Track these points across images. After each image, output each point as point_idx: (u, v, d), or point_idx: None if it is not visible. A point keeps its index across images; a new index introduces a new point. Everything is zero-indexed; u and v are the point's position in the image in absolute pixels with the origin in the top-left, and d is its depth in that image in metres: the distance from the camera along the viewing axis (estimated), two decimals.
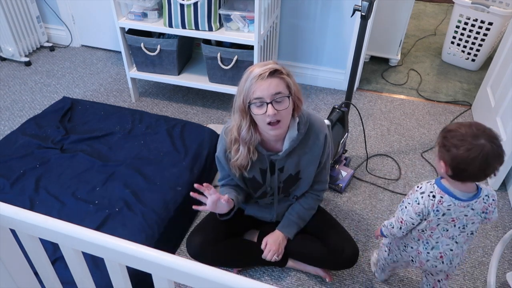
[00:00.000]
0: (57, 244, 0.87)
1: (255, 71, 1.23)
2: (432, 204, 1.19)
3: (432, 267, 1.31)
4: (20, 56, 3.03)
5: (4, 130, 2.41)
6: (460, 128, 1.10)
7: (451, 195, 1.17)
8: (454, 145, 1.09)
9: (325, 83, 2.90)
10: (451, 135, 1.11)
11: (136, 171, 1.85)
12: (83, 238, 0.81)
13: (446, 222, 1.22)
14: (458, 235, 1.24)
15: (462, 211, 1.18)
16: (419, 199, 1.22)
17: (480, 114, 2.53)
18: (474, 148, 1.06)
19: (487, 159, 1.06)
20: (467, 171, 1.09)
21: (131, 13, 2.33)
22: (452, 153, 1.09)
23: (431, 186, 1.22)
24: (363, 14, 1.72)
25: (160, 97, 2.76)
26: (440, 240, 1.25)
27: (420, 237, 1.28)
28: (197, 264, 0.74)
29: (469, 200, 1.17)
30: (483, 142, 1.05)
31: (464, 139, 1.08)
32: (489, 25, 2.87)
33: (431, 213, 1.20)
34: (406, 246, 1.34)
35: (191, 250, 1.52)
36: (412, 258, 1.34)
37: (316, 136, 1.40)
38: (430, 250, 1.28)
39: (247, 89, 1.24)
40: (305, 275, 1.68)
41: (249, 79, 1.23)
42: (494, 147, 1.06)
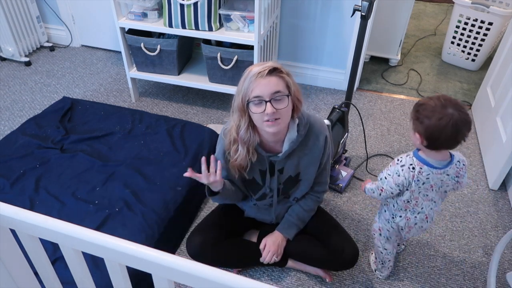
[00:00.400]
0: (57, 244, 0.87)
1: (254, 69, 1.23)
2: (412, 175, 1.30)
3: (419, 228, 1.44)
4: (20, 56, 3.03)
5: (4, 130, 2.41)
6: (430, 101, 1.21)
7: (429, 165, 1.29)
8: (426, 116, 1.20)
9: (325, 83, 2.90)
10: (422, 108, 1.22)
11: (136, 171, 1.85)
12: (83, 238, 0.81)
13: (426, 190, 1.34)
14: (435, 196, 1.38)
15: (439, 178, 1.31)
16: (399, 171, 1.32)
17: (480, 114, 2.53)
18: (444, 117, 1.17)
19: (457, 125, 1.17)
20: (440, 139, 1.20)
21: (131, 13, 2.33)
22: (425, 124, 1.20)
23: (410, 158, 1.31)
24: (363, 14, 1.72)
25: (160, 97, 2.76)
26: (424, 205, 1.38)
27: (407, 207, 1.40)
28: (197, 264, 0.74)
29: (444, 167, 1.30)
30: (452, 111, 1.17)
31: (434, 110, 1.19)
32: (489, 25, 2.87)
33: (412, 183, 1.31)
34: (395, 216, 1.44)
35: (191, 251, 1.51)
36: (402, 227, 1.45)
37: (316, 137, 1.40)
38: (417, 214, 1.41)
39: (246, 87, 1.23)
40: (305, 275, 1.68)
41: (248, 77, 1.23)
42: (462, 115, 1.17)
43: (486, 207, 2.01)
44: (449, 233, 1.87)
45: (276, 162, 1.40)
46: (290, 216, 1.57)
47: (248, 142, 1.32)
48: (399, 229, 1.47)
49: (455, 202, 2.03)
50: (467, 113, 1.19)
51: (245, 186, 1.50)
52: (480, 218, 1.95)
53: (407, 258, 1.75)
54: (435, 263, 1.74)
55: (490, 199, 2.05)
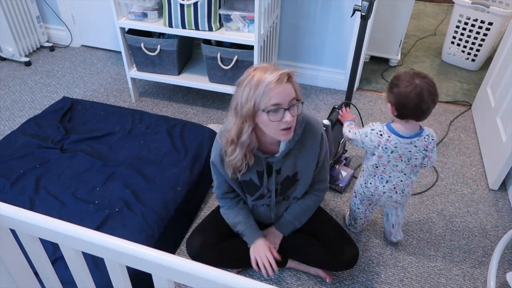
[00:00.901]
0: (57, 244, 0.87)
1: (268, 77, 1.18)
2: (378, 141, 1.46)
3: (388, 198, 1.58)
4: (20, 56, 3.03)
5: (4, 130, 2.41)
6: (402, 74, 1.37)
7: (396, 134, 1.43)
8: (396, 85, 1.36)
9: (325, 83, 2.90)
10: (395, 79, 1.38)
11: (136, 171, 1.85)
12: (83, 238, 0.81)
13: (395, 159, 1.48)
14: (405, 168, 1.50)
15: (407, 148, 1.44)
16: (368, 133, 1.49)
17: (480, 114, 2.53)
18: (410, 85, 1.32)
19: (421, 93, 1.31)
20: (406, 107, 1.34)
21: (131, 13, 2.33)
22: (394, 91, 1.36)
23: (381, 126, 1.47)
24: (363, 14, 1.72)
25: (160, 97, 2.76)
26: (392, 174, 1.52)
27: (375, 173, 1.55)
28: (197, 264, 0.74)
29: (412, 137, 1.43)
30: (418, 81, 1.32)
31: (403, 79, 1.35)
32: (489, 25, 2.87)
33: (379, 149, 1.46)
34: (366, 182, 1.60)
35: (191, 251, 1.51)
36: (372, 193, 1.60)
37: (312, 136, 1.39)
38: (385, 183, 1.55)
39: (261, 95, 1.19)
40: (305, 275, 1.68)
41: (264, 84, 1.18)
42: (427, 86, 1.32)
43: (486, 207, 2.01)
44: (449, 233, 1.87)
45: (273, 162, 1.39)
46: (288, 214, 1.56)
47: (248, 147, 1.30)
48: (370, 196, 1.62)
49: (455, 202, 2.03)
50: (434, 85, 1.33)
51: (241, 188, 1.49)
52: (480, 218, 1.95)
53: (407, 258, 1.75)
54: (435, 263, 1.74)
55: (490, 199, 2.05)
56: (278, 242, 1.57)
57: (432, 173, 2.19)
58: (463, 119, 2.62)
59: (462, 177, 2.18)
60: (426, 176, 2.17)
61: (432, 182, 2.14)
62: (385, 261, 1.74)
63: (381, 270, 1.70)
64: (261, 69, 1.22)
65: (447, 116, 2.64)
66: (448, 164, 2.26)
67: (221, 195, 1.53)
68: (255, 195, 1.49)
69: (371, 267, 1.71)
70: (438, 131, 2.51)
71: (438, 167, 2.23)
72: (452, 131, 2.51)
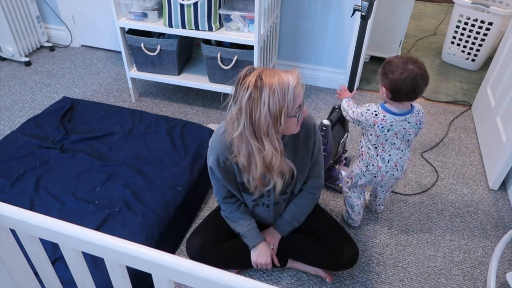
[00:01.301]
0: (57, 244, 0.87)
1: (290, 81, 1.16)
2: (373, 120, 1.52)
3: (391, 176, 1.63)
4: (20, 56, 3.03)
5: (4, 130, 2.41)
6: (395, 59, 1.43)
7: (391, 113, 1.51)
8: (390, 71, 1.41)
9: (325, 83, 2.90)
10: (388, 65, 1.44)
11: (136, 171, 1.85)
12: (83, 238, 0.81)
13: (392, 137, 1.55)
14: (401, 144, 1.58)
15: (401, 125, 1.52)
16: (363, 113, 1.55)
17: (480, 114, 2.53)
18: (405, 71, 1.39)
19: (415, 78, 1.39)
20: (402, 91, 1.42)
21: (131, 13, 2.33)
22: (389, 78, 1.42)
23: (376, 106, 1.54)
24: (363, 14, 1.72)
25: (160, 97, 2.76)
26: (392, 152, 1.59)
27: (377, 154, 1.60)
28: (197, 264, 0.74)
29: (405, 114, 1.51)
30: (412, 67, 1.39)
31: (397, 65, 1.41)
32: (489, 25, 2.87)
33: (375, 128, 1.53)
34: (368, 165, 1.64)
35: (191, 252, 1.51)
36: (374, 174, 1.64)
37: (306, 127, 1.38)
38: (387, 163, 1.60)
39: (291, 101, 1.17)
40: (305, 275, 1.68)
41: (290, 91, 1.16)
42: (420, 70, 1.39)
43: (486, 207, 2.01)
44: (449, 233, 1.87)
45: None
46: (286, 214, 1.57)
47: None
48: (372, 178, 1.66)
49: (455, 202, 2.03)
50: (425, 69, 1.41)
51: (239, 190, 1.48)
52: (480, 218, 1.95)
53: (407, 258, 1.75)
54: (435, 263, 1.74)
55: (490, 199, 2.05)
56: (276, 242, 1.57)
57: (432, 173, 2.19)
58: (463, 119, 2.62)
59: (462, 177, 2.18)
60: (426, 176, 2.17)
61: (432, 182, 2.14)
62: (385, 261, 1.74)
63: (381, 270, 1.70)
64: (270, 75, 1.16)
65: (447, 116, 2.64)
66: (448, 164, 2.26)
67: (221, 200, 1.53)
68: (255, 195, 1.48)
69: (371, 267, 1.71)
70: (438, 131, 2.51)
71: (438, 167, 2.23)
72: (452, 131, 2.51)
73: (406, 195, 2.06)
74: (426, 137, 2.45)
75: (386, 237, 1.84)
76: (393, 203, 2.01)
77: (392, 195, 2.05)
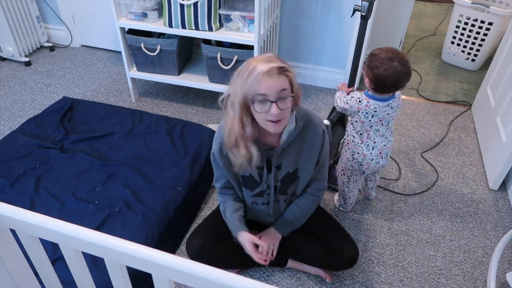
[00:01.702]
0: (57, 244, 0.87)
1: (260, 66, 1.17)
2: (358, 107, 1.57)
3: (376, 164, 1.68)
4: (20, 56, 3.03)
5: (4, 130, 2.41)
6: (381, 53, 1.46)
7: (374, 99, 1.56)
8: (376, 66, 1.46)
9: (325, 83, 2.90)
10: (374, 58, 1.47)
11: (136, 171, 1.85)
12: (83, 238, 0.81)
13: (376, 123, 1.59)
14: (385, 131, 1.63)
15: (385, 110, 1.57)
16: (348, 100, 1.62)
17: (480, 114, 2.53)
18: (389, 69, 1.43)
19: (398, 76, 1.45)
20: (384, 85, 1.49)
21: (131, 13, 2.33)
22: (374, 72, 1.47)
23: (360, 94, 1.59)
24: (363, 14, 1.73)
25: (160, 97, 2.76)
26: (376, 140, 1.64)
27: (361, 141, 1.65)
28: (197, 264, 0.74)
29: (388, 100, 1.56)
30: (396, 64, 1.43)
31: (383, 61, 1.44)
32: (489, 25, 2.87)
33: (360, 114, 1.58)
34: (354, 153, 1.69)
35: (191, 252, 1.51)
36: (360, 163, 1.69)
37: (314, 131, 1.38)
38: (372, 150, 1.65)
39: (250, 84, 1.18)
40: (305, 275, 1.68)
41: (254, 74, 1.17)
42: (404, 68, 1.44)
43: (486, 207, 2.01)
44: (449, 233, 1.87)
45: (273, 156, 1.38)
46: (286, 214, 1.56)
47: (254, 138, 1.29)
48: (359, 166, 1.70)
49: (455, 202, 2.03)
50: (409, 66, 1.46)
51: (239, 183, 1.48)
52: (480, 218, 1.95)
53: (407, 258, 1.75)
54: (435, 263, 1.74)
55: (490, 199, 2.05)
56: (277, 242, 1.57)
57: (432, 173, 2.19)
58: (463, 119, 2.62)
59: (462, 177, 2.18)
60: (426, 176, 2.17)
61: (432, 182, 2.14)
62: (385, 261, 1.74)
63: (381, 270, 1.70)
64: (258, 60, 1.21)
65: (447, 116, 2.64)
66: (448, 164, 2.26)
67: (220, 188, 1.53)
68: (255, 191, 1.48)
69: (371, 267, 1.71)
70: (438, 131, 2.51)
71: (438, 167, 2.23)
72: (452, 131, 2.51)
73: (406, 195, 2.06)
74: (426, 137, 2.45)
75: (386, 237, 1.84)
76: (393, 203, 2.01)
77: (392, 195, 2.05)
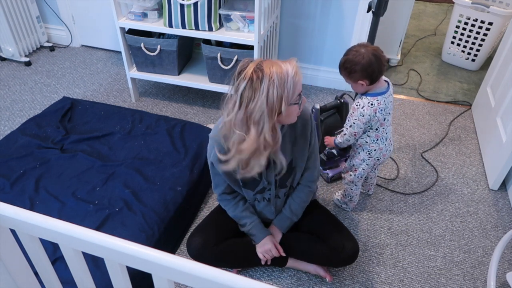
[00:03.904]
0: (57, 244, 0.87)
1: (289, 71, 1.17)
2: (374, 109, 1.56)
3: (388, 153, 1.73)
4: (20, 56, 3.03)
5: (4, 130, 2.41)
6: (348, 56, 1.52)
7: (379, 94, 1.57)
8: (354, 65, 1.49)
9: (325, 83, 2.90)
10: (347, 63, 1.51)
11: (136, 171, 1.85)
12: (83, 238, 0.81)
13: (387, 114, 1.62)
14: (390, 119, 1.67)
15: (389, 100, 1.60)
16: (362, 112, 1.57)
17: (480, 114, 2.53)
18: (365, 56, 1.47)
19: (373, 53, 1.48)
20: (374, 71, 1.49)
21: (131, 13, 2.33)
22: (357, 69, 1.49)
23: (366, 99, 1.57)
24: (373, 10, 1.77)
25: (160, 97, 2.76)
26: (387, 130, 1.67)
27: (378, 137, 1.66)
28: (197, 264, 0.74)
29: (387, 90, 1.59)
30: (363, 50, 1.49)
31: (354, 57, 1.49)
32: (489, 25, 2.87)
33: (377, 113, 1.57)
34: (370, 152, 1.70)
35: (191, 252, 1.51)
36: (377, 158, 1.72)
37: (303, 118, 1.40)
38: (385, 141, 1.68)
39: (291, 89, 1.19)
40: (305, 275, 1.68)
41: (289, 79, 1.17)
42: (370, 47, 1.49)
43: (486, 207, 2.01)
44: (449, 233, 1.87)
45: None
46: (284, 210, 1.58)
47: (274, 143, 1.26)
48: (375, 162, 1.74)
49: (455, 202, 2.03)
50: (377, 47, 1.51)
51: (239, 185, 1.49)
52: (480, 218, 1.95)
53: (407, 258, 1.75)
54: (435, 263, 1.74)
55: (490, 199, 2.05)
56: (278, 240, 1.58)
57: (432, 173, 2.19)
58: (463, 119, 2.62)
59: (462, 177, 2.18)
60: (426, 176, 2.17)
61: (432, 182, 2.14)
62: (385, 261, 1.74)
63: (381, 270, 1.70)
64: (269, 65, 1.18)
65: (447, 116, 2.64)
66: (448, 164, 2.26)
67: (219, 195, 1.55)
68: (256, 190, 1.49)
69: (371, 267, 1.71)
70: (438, 131, 2.51)
71: (438, 167, 2.23)
72: (452, 131, 2.51)
73: (406, 195, 2.06)
74: (426, 137, 2.45)
75: (386, 237, 1.84)
76: (393, 203, 2.01)
77: (392, 195, 2.05)
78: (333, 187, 2.09)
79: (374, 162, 1.74)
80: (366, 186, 2.00)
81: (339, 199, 1.96)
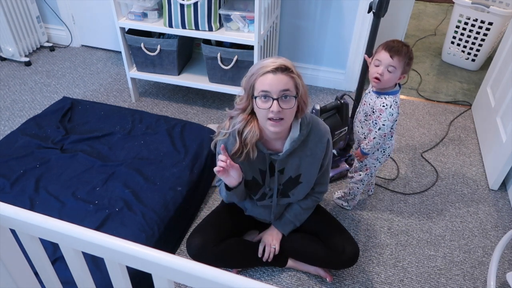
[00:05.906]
0: (57, 244, 0.87)
1: (266, 63, 1.21)
2: (397, 106, 1.60)
3: (392, 147, 1.75)
4: (20, 56, 3.03)
5: (4, 130, 2.41)
6: (408, 46, 1.53)
7: (396, 92, 1.60)
8: (410, 59, 1.53)
9: (325, 83, 2.90)
10: (412, 53, 1.53)
11: (136, 171, 1.85)
12: (83, 238, 0.81)
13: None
14: None
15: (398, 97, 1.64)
16: (392, 111, 1.58)
17: (480, 114, 2.53)
18: (405, 44, 1.52)
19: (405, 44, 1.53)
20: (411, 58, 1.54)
21: (131, 13, 2.33)
22: (412, 62, 1.55)
23: (390, 97, 1.59)
24: (374, 11, 1.76)
25: (160, 97, 2.76)
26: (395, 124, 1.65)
27: (392, 133, 1.68)
28: (197, 264, 0.74)
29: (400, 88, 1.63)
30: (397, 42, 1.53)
31: (400, 47, 1.50)
32: (489, 25, 2.87)
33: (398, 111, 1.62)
34: (385, 150, 1.72)
35: (191, 251, 1.51)
36: (389, 153, 1.75)
37: (319, 139, 1.39)
38: (392, 135, 1.70)
39: (255, 80, 1.22)
40: (305, 275, 1.68)
41: (261, 71, 1.21)
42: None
43: (486, 207, 2.01)
44: (449, 233, 1.87)
45: (276, 161, 1.39)
46: (287, 213, 1.58)
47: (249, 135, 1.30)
48: (386, 158, 1.77)
49: (455, 202, 2.03)
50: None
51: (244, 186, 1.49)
52: (480, 218, 1.95)
53: (407, 258, 1.75)
54: (435, 263, 1.74)
55: (490, 199, 2.05)
56: (278, 241, 1.58)
57: (432, 173, 2.19)
58: (463, 119, 2.62)
59: (462, 177, 2.18)
60: (426, 176, 2.17)
61: (432, 182, 2.14)
62: (385, 261, 1.74)
63: (381, 270, 1.70)
64: (268, 60, 1.24)
65: (447, 116, 2.64)
66: (448, 164, 2.26)
67: None
68: (258, 194, 1.49)
69: (371, 267, 1.71)
70: (438, 131, 2.51)
71: (438, 167, 2.23)
72: (452, 131, 2.51)
73: (406, 195, 2.06)
74: (426, 137, 2.45)
75: (386, 237, 1.84)
76: (393, 203, 2.01)
77: (392, 195, 2.05)
78: (333, 187, 2.09)
79: (385, 159, 1.77)
80: (366, 186, 2.00)
81: (340, 197, 1.96)
